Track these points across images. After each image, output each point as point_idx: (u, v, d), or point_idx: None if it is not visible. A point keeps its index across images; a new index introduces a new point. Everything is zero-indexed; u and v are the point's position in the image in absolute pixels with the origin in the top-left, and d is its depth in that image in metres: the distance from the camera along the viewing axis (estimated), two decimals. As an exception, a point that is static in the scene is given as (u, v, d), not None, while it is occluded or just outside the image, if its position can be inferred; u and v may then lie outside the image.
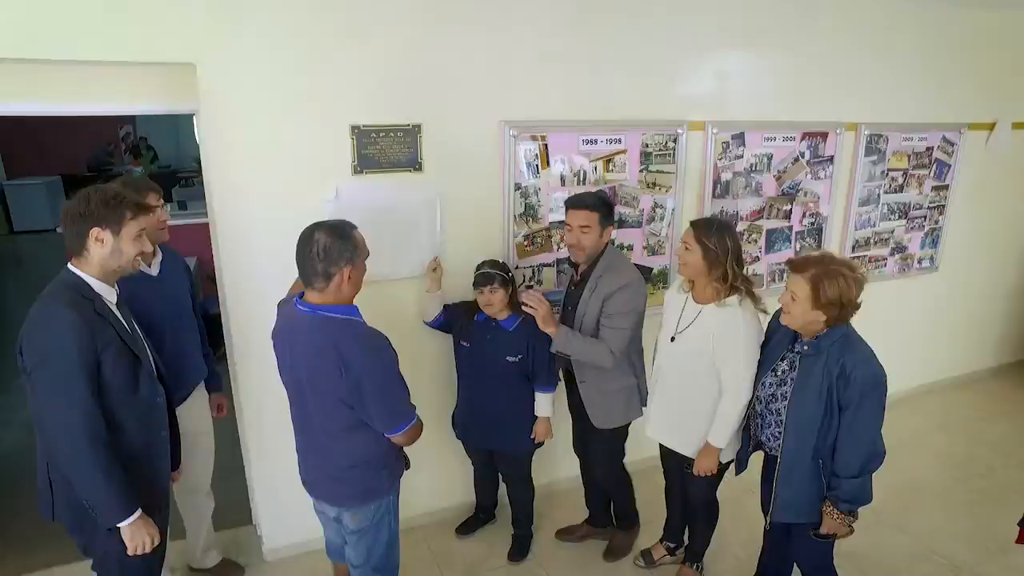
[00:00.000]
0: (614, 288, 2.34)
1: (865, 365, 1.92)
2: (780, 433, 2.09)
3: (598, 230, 2.35)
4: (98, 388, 1.68)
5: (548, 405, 2.63)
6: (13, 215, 8.45)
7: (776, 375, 2.12)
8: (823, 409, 1.96)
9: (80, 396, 1.63)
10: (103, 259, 1.72)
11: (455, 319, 2.65)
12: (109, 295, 1.77)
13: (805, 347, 2.01)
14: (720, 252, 2.13)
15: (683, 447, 2.40)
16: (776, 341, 2.17)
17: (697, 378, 2.27)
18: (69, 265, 1.74)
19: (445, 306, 2.68)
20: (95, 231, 1.69)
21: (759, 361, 2.19)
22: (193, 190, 6.82)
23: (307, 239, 1.75)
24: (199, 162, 2.43)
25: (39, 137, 8.45)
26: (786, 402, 2.05)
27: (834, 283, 1.87)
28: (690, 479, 2.43)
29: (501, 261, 2.58)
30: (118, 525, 1.72)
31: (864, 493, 2.00)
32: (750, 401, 2.20)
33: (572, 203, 2.39)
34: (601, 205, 2.36)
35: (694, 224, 2.22)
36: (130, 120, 9.22)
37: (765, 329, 2.26)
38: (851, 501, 2.00)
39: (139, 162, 8.74)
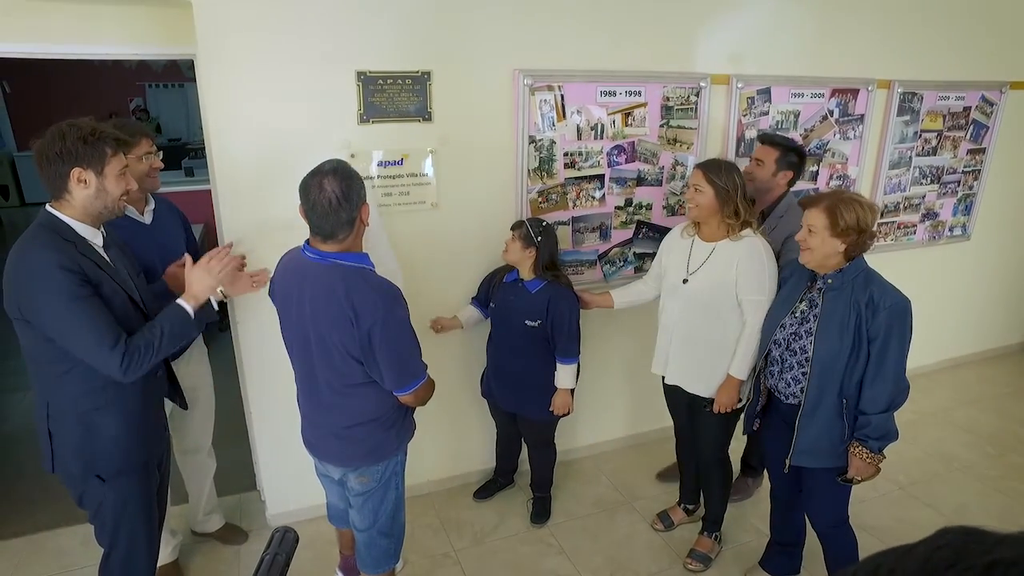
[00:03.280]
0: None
1: (892, 293, 1.92)
2: (803, 375, 2.02)
3: (772, 168, 2.45)
4: None
5: (568, 377, 2.51)
6: (24, 187, 8.46)
7: (795, 316, 2.07)
8: (851, 342, 1.92)
9: (95, 306, 1.56)
10: (87, 201, 1.61)
11: (490, 282, 2.61)
12: (94, 237, 1.67)
13: (829, 280, 1.97)
14: (731, 189, 2.14)
15: (704, 388, 2.33)
16: (792, 285, 2.13)
17: (719, 311, 2.24)
18: (47, 207, 1.62)
19: (481, 285, 2.65)
20: (76, 171, 1.57)
21: (775, 305, 2.16)
22: (201, 161, 6.76)
23: (317, 192, 1.60)
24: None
25: (50, 109, 8.41)
26: (811, 338, 2.00)
27: (851, 208, 1.86)
28: (702, 431, 2.41)
29: (545, 221, 2.46)
30: (202, 301, 1.78)
31: (893, 429, 1.96)
32: (766, 348, 2.13)
33: (761, 136, 2.57)
34: (784, 148, 2.45)
35: (701, 165, 2.23)
36: (140, 92, 9.16)
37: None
38: (881, 438, 1.94)
39: (146, 132, 8.70)
